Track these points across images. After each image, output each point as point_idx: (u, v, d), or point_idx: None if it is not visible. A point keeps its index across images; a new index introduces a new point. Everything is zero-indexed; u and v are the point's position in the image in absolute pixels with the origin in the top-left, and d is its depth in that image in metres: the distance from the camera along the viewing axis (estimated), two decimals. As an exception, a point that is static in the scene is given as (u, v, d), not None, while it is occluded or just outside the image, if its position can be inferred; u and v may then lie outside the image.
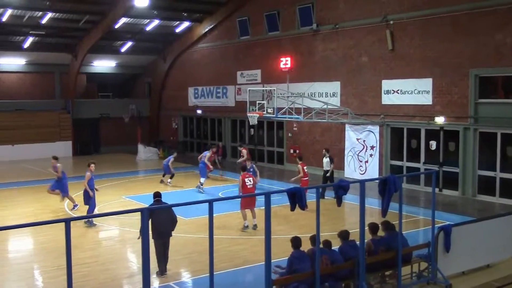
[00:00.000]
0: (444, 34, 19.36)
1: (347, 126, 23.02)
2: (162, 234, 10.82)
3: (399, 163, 21.38)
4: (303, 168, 17.53)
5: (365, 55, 22.32)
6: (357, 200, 9.65)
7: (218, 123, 31.76)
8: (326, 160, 18.99)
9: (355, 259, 9.21)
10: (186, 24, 31.87)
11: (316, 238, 8.68)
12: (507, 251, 11.39)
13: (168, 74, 35.68)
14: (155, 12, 29.12)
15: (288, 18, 25.91)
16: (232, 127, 30.66)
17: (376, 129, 21.92)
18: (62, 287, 9.65)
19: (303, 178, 17.42)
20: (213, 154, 23.34)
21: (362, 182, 9.22)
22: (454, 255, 10.28)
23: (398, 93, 21.01)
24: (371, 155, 22.18)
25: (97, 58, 35.42)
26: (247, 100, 22.07)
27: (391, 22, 20.95)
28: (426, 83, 19.97)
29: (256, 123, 22.26)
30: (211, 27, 30.78)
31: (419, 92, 20.24)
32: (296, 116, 20.68)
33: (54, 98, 35.61)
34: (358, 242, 9.42)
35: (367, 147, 22.34)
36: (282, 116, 20.96)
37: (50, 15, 27.93)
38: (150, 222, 9.69)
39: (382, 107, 21.69)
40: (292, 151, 26.17)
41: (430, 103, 19.89)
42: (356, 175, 22.33)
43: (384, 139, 21.71)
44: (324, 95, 23.90)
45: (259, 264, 10.57)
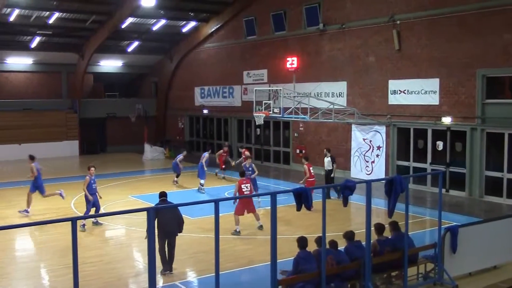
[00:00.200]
0: (451, 34, 19.28)
1: (353, 126, 22.97)
2: (167, 233, 10.85)
3: (405, 163, 21.31)
4: (309, 169, 17.48)
5: (371, 55, 22.26)
6: (363, 200, 9.63)
7: (224, 123, 31.77)
8: (327, 160, 18.95)
9: (361, 260, 9.19)
10: (192, 24, 31.90)
11: (322, 238, 8.66)
12: (514, 252, 11.33)
13: (175, 74, 35.74)
14: (162, 12, 29.17)
15: (295, 18, 25.89)
16: (239, 127, 30.66)
17: (382, 129, 21.86)
18: (68, 285, 9.68)
19: (309, 179, 17.37)
20: (224, 153, 23.37)
21: (369, 183, 9.20)
22: (461, 256, 10.23)
23: (405, 93, 20.94)
24: (377, 155, 22.12)
25: (103, 58, 35.52)
26: (254, 100, 22.07)
27: (398, 22, 20.88)
28: (433, 83, 19.89)
29: (262, 123, 22.25)
30: (217, 27, 30.80)
31: (426, 92, 20.16)
32: (302, 116, 20.66)
33: (61, 97, 35.77)
34: (364, 243, 9.40)
35: (373, 147, 22.28)
36: (288, 116, 20.94)
37: (57, 15, 28.04)
38: (156, 222, 9.71)
39: (389, 107, 21.62)
40: (298, 151, 26.14)
41: (437, 103, 19.81)
42: (362, 176, 22.27)
43: (390, 139, 21.64)
44: (330, 95, 23.86)
45: (265, 264, 10.57)
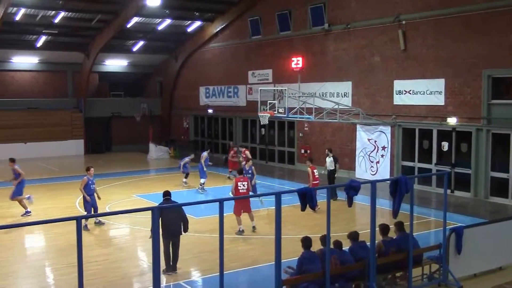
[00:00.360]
0: (457, 34, 19.21)
1: (358, 127, 22.92)
2: (171, 233, 10.85)
3: (410, 164, 21.25)
4: (312, 172, 17.26)
5: (377, 55, 22.21)
6: (368, 200, 9.60)
7: (229, 123, 31.78)
8: (329, 160, 18.91)
9: (365, 260, 9.17)
10: (197, 23, 31.93)
11: (327, 238, 8.65)
12: (519, 254, 11.28)
13: (180, 73, 35.78)
14: (167, 11, 29.21)
15: (300, 17, 25.86)
16: (243, 126, 30.67)
17: (387, 129, 21.81)
18: (73, 284, 9.71)
19: (314, 182, 17.21)
20: (235, 154, 23.02)
21: (373, 183, 9.17)
22: (466, 257, 10.20)
23: (410, 93, 20.89)
24: (382, 156, 22.08)
25: (109, 57, 35.60)
26: (258, 100, 22.04)
27: (404, 22, 20.82)
28: (439, 84, 19.83)
29: (267, 122, 22.25)
30: (222, 26, 30.81)
31: (431, 93, 20.10)
32: (307, 116, 20.64)
33: (67, 96, 35.89)
34: (368, 243, 9.38)
35: (378, 147, 22.24)
36: (293, 116, 20.92)
37: (63, 14, 28.12)
38: (160, 221, 9.71)
39: (394, 107, 21.57)
40: (303, 151, 26.12)
41: (443, 103, 19.74)
42: (367, 176, 22.24)
43: (395, 140, 21.59)
44: (335, 95, 23.83)
45: (269, 264, 10.56)
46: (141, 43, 34.26)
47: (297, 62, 22.69)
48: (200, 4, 29.18)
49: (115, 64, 37.12)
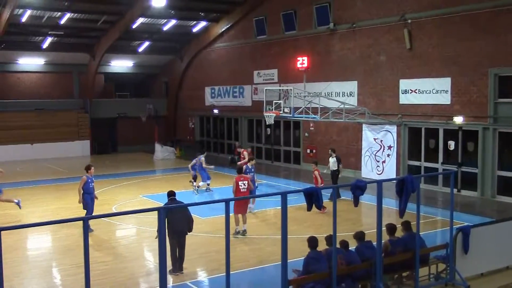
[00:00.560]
0: (463, 32, 19.13)
1: (364, 126, 22.87)
2: (177, 232, 10.87)
3: (417, 163, 21.19)
4: (319, 175, 17.07)
5: (382, 54, 22.16)
6: (374, 200, 9.58)
7: (234, 123, 31.80)
8: (332, 160, 18.83)
9: (372, 260, 9.16)
10: (203, 23, 31.97)
11: (333, 238, 8.64)
12: (527, 253, 11.22)
13: (185, 73, 35.83)
14: (172, 12, 29.25)
15: (305, 17, 25.83)
16: (249, 126, 30.68)
17: (393, 129, 21.76)
18: (80, 284, 9.74)
19: (320, 185, 17.00)
20: (249, 154, 22.04)
21: (380, 182, 9.15)
22: (473, 256, 10.16)
23: (416, 92, 20.83)
24: (388, 155, 22.02)
25: (114, 58, 35.70)
26: (264, 100, 22.03)
27: (409, 21, 20.76)
28: (445, 83, 19.76)
29: (273, 122, 22.23)
30: (227, 26, 30.83)
31: (437, 92, 20.04)
32: (313, 115, 20.61)
33: (73, 97, 35.99)
34: (374, 243, 9.36)
35: (384, 147, 22.19)
36: (299, 115, 20.90)
37: (68, 15, 28.23)
38: (166, 221, 9.72)
39: (400, 106, 21.51)
40: (308, 151, 26.09)
41: (449, 102, 19.68)
42: (373, 175, 22.19)
43: (401, 139, 21.54)
44: (341, 94, 23.79)
45: (275, 264, 10.56)
46: (146, 44, 34.33)
47: (302, 62, 22.68)
48: (205, 5, 29.21)
49: (120, 64, 37.21)
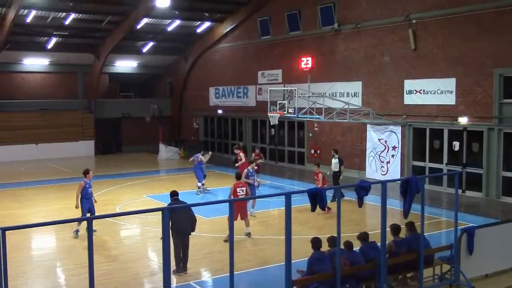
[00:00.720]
0: (468, 33, 19.08)
1: (368, 126, 22.84)
2: (181, 233, 10.88)
3: (421, 163, 21.14)
4: (323, 177, 17.07)
5: (387, 54, 22.12)
6: (378, 201, 9.56)
7: (238, 123, 31.80)
8: (335, 161, 18.78)
9: (376, 260, 9.13)
10: (207, 24, 31.99)
11: (337, 239, 8.62)
12: (532, 254, 11.17)
13: (189, 74, 35.86)
14: (177, 12, 29.30)
15: (310, 17, 25.81)
16: (253, 127, 30.68)
17: (398, 129, 21.71)
18: (84, 284, 9.75)
19: (323, 186, 16.98)
20: (257, 156, 22.25)
21: (384, 183, 9.13)
22: (478, 257, 10.12)
23: (421, 93, 20.78)
24: (392, 156, 21.97)
25: (119, 58, 35.77)
26: (268, 100, 22.02)
27: (414, 21, 20.72)
28: (450, 83, 19.70)
29: (277, 123, 22.20)
30: (232, 27, 30.84)
31: (442, 92, 19.98)
32: (317, 116, 20.59)
33: (77, 98, 36.11)
34: (379, 243, 9.33)
35: (388, 147, 22.14)
36: (303, 116, 20.87)
37: (73, 16, 28.32)
38: (170, 221, 9.72)
39: (404, 107, 21.47)
40: (313, 151, 26.07)
41: (453, 103, 19.62)
42: (377, 176, 22.15)
43: (406, 140, 21.49)
44: (345, 95, 23.76)
45: (279, 264, 10.54)
46: (151, 44, 34.38)
47: (306, 62, 22.64)
48: (209, 5, 29.24)
49: (125, 65, 37.29)
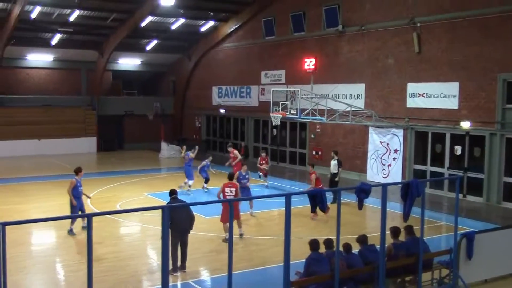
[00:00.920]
0: (472, 37, 19.04)
1: (370, 129, 22.81)
2: (180, 231, 10.89)
3: (422, 167, 21.11)
4: (317, 178, 16.79)
5: (391, 57, 22.09)
6: (378, 203, 9.55)
7: (241, 123, 31.81)
8: (334, 163, 18.72)
9: (375, 263, 9.12)
10: (211, 23, 32.00)
11: (336, 240, 8.62)
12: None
13: (193, 73, 35.88)
14: (181, 11, 29.29)
15: (314, 19, 25.80)
16: (255, 127, 30.69)
17: (400, 132, 21.69)
18: (82, 281, 9.77)
19: (318, 187, 16.80)
20: (263, 160, 21.76)
21: (384, 186, 9.12)
22: (477, 262, 10.11)
23: (424, 96, 20.75)
24: (394, 159, 21.95)
25: (123, 55, 35.80)
26: (271, 101, 22.01)
27: (418, 25, 20.69)
28: (453, 87, 19.67)
29: (279, 123, 22.21)
30: (236, 26, 30.85)
31: (445, 96, 19.95)
32: (320, 117, 20.58)
33: (80, 94, 36.16)
34: (378, 246, 9.32)
35: (390, 150, 22.12)
36: (305, 117, 20.88)
37: (78, 12, 28.33)
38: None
39: (407, 110, 21.44)
40: (314, 152, 26.05)
41: (456, 107, 19.58)
42: (378, 179, 22.13)
43: (408, 143, 21.46)
44: (348, 97, 23.74)
45: (278, 265, 10.55)
46: (154, 42, 34.41)
47: (310, 63, 22.66)
48: (214, 4, 29.25)
49: (128, 62, 37.33)
